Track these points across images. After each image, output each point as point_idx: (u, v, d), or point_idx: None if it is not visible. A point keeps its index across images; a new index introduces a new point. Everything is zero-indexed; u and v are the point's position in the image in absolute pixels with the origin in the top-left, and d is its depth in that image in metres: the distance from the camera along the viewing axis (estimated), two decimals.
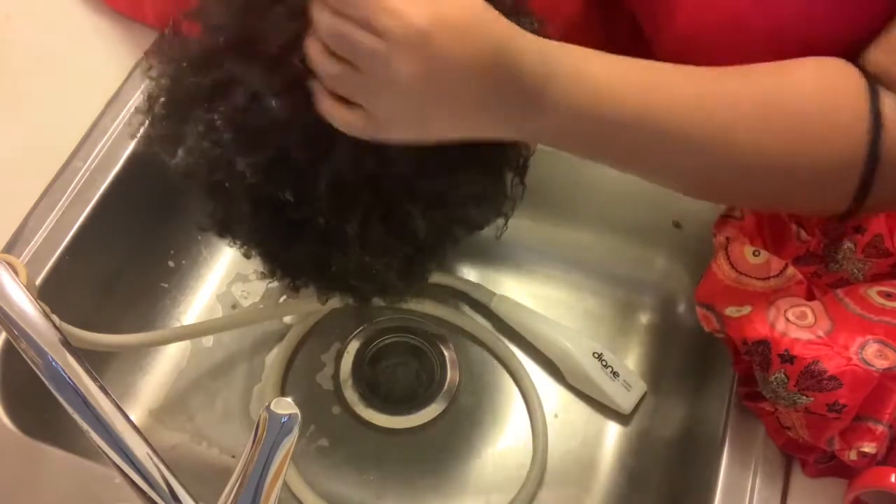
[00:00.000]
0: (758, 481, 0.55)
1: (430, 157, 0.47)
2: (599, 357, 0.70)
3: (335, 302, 0.63)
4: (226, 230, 0.54)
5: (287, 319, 0.76)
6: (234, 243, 0.55)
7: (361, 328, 0.76)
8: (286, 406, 0.41)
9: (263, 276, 0.56)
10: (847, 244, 0.55)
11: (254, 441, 0.40)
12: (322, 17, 0.42)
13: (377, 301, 0.60)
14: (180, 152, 0.50)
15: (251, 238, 0.54)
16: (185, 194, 0.51)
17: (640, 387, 0.71)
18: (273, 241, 0.53)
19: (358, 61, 0.41)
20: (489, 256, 0.79)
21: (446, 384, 0.73)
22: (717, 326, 0.55)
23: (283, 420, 0.40)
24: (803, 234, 0.56)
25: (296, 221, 0.50)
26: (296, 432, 0.41)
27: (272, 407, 0.41)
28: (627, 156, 0.48)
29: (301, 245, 0.52)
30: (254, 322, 0.74)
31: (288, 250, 0.53)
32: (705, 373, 0.68)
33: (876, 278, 0.54)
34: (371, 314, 0.76)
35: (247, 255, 0.56)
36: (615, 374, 0.70)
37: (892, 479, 0.49)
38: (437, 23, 0.40)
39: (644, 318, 0.77)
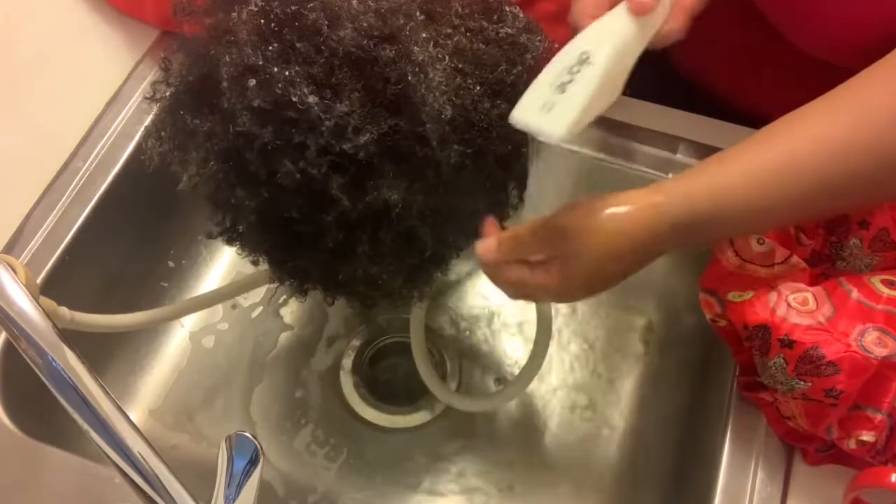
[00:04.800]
0: (759, 472, 0.55)
1: (442, 185, 0.48)
2: None
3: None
4: (233, 239, 0.54)
5: (287, 320, 0.77)
6: (242, 251, 0.55)
7: (362, 327, 0.76)
8: (245, 442, 0.43)
9: (271, 280, 0.56)
10: (853, 240, 0.55)
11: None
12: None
13: (384, 307, 0.60)
14: (185, 176, 0.50)
15: (259, 247, 0.54)
16: (185, 195, 0.52)
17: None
18: (281, 250, 0.53)
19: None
20: None
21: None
22: (718, 311, 0.55)
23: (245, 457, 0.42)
24: (803, 237, 0.56)
25: (304, 233, 0.50)
26: (260, 465, 0.43)
27: (233, 445, 0.43)
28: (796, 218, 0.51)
29: (309, 255, 0.52)
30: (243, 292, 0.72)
31: (296, 259, 0.53)
32: (705, 372, 0.68)
33: (883, 272, 0.54)
34: (372, 314, 0.76)
35: (254, 263, 0.56)
36: None
37: (893, 479, 0.49)
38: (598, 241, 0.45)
39: (644, 318, 0.77)
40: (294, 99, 0.44)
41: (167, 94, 0.51)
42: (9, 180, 0.66)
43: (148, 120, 0.69)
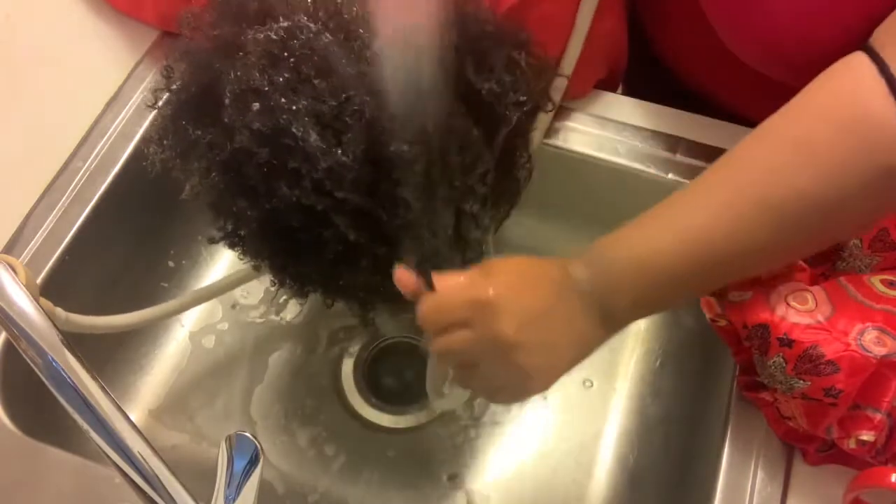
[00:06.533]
0: (759, 472, 0.55)
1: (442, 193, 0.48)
2: None
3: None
4: (235, 243, 0.54)
5: (287, 320, 0.77)
6: (243, 256, 0.56)
7: (363, 327, 0.76)
8: (245, 442, 0.43)
9: (273, 283, 0.57)
10: (853, 240, 0.55)
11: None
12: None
13: (381, 309, 0.60)
14: (188, 186, 0.51)
15: (260, 253, 0.54)
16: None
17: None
18: (282, 256, 0.53)
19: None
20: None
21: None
22: (718, 311, 0.55)
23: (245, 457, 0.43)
24: None
25: (305, 241, 0.50)
26: (260, 465, 0.44)
27: (233, 445, 0.43)
28: (718, 284, 0.50)
29: (310, 262, 0.52)
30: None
31: (297, 265, 0.53)
32: (705, 372, 0.68)
33: (883, 272, 0.54)
34: (371, 317, 0.76)
35: (256, 268, 0.57)
36: None
37: (893, 479, 0.49)
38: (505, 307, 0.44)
39: (644, 319, 0.77)
40: (296, 132, 0.45)
41: (169, 101, 0.51)
42: (9, 180, 0.66)
43: (148, 120, 0.69)
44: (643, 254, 0.46)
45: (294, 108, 0.45)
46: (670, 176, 0.68)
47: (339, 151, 0.45)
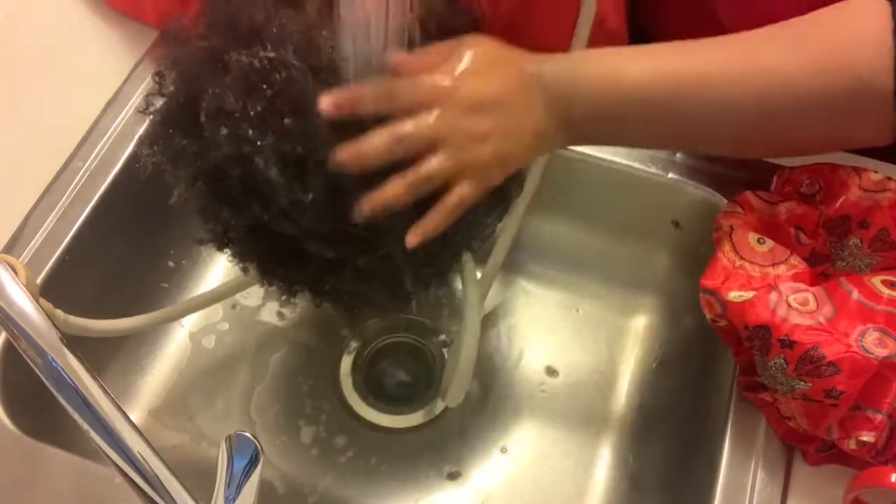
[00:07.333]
0: (759, 472, 0.55)
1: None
2: None
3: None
4: (224, 245, 0.55)
5: (287, 320, 0.77)
6: (232, 259, 0.56)
7: (362, 327, 0.76)
8: (245, 442, 0.44)
9: (262, 283, 0.57)
10: (853, 240, 0.55)
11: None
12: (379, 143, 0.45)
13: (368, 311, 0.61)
14: (175, 192, 0.51)
15: (248, 257, 0.55)
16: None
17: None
18: (269, 261, 0.54)
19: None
20: (487, 257, 0.79)
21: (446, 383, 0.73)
22: (719, 311, 0.55)
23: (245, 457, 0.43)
24: (803, 237, 0.56)
25: (290, 249, 0.51)
26: (260, 465, 0.44)
27: (233, 445, 0.43)
28: (662, 138, 0.52)
29: (296, 267, 0.52)
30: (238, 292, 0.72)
31: (284, 268, 0.54)
32: (705, 372, 0.68)
33: (884, 272, 0.54)
34: (365, 316, 0.76)
35: (244, 271, 0.57)
36: None
37: (893, 479, 0.49)
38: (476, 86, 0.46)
39: (644, 319, 0.77)
40: (258, 163, 0.45)
41: (160, 108, 0.52)
42: (9, 180, 0.66)
43: (147, 121, 0.69)
44: (610, 69, 0.47)
45: (259, 142, 0.45)
46: (670, 176, 0.68)
47: (300, 189, 0.45)
